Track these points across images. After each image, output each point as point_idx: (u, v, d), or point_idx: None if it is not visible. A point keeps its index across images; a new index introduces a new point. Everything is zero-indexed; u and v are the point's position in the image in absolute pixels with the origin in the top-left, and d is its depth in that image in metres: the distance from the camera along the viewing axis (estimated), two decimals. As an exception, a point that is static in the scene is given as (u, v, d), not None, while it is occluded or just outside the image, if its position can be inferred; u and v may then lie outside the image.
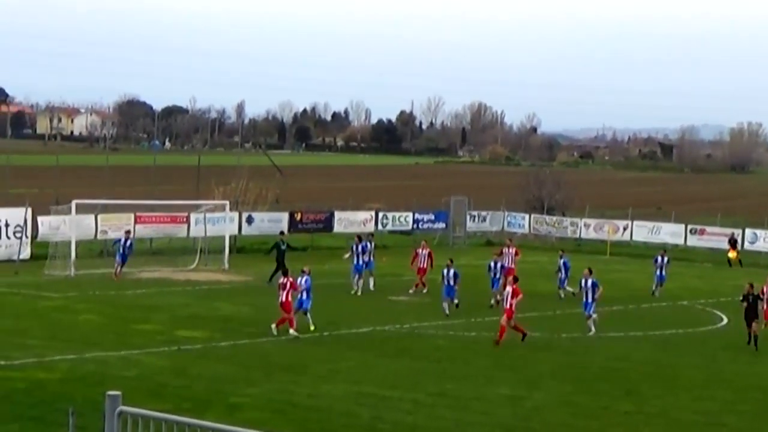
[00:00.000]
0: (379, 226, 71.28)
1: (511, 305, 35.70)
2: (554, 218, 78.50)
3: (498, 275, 44.73)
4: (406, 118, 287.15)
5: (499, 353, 34.41)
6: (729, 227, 72.00)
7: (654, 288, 49.78)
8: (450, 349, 34.89)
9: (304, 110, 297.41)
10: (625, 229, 73.80)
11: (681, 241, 71.32)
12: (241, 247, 61.99)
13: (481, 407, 26.89)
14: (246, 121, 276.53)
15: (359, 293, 47.04)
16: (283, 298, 35.90)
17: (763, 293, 38.54)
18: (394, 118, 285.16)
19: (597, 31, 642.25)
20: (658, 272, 49.93)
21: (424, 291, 47.23)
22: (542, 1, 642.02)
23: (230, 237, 57.11)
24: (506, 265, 47.41)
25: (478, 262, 51.41)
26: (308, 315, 36.62)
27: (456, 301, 41.88)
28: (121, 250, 49.11)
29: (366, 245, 48.65)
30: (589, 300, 38.72)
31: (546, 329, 39.08)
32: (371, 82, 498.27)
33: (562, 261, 47.96)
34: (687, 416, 26.98)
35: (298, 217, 67.21)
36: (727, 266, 64.84)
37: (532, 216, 78.26)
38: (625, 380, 30.79)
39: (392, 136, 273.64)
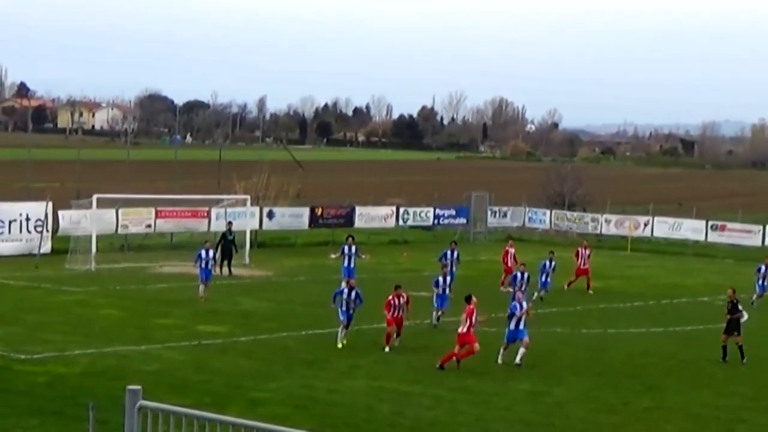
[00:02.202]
0: (400, 222, 71.44)
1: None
2: (575, 214, 78.51)
3: (547, 278, 44.35)
4: (427, 113, 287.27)
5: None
6: (750, 223, 71.94)
7: (754, 298, 46.50)
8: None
9: (326, 105, 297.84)
10: (646, 225, 73.74)
11: (702, 237, 71.21)
12: (262, 242, 62.28)
13: (502, 403, 26.98)
14: (267, 116, 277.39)
15: None
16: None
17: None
18: (415, 114, 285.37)
19: (618, 27, 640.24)
20: (760, 282, 47.15)
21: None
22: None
23: (251, 232, 57.41)
24: (581, 266, 48.10)
25: (499, 258, 51.39)
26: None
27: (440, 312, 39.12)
28: (203, 265, 42.76)
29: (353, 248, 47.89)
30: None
31: (566, 325, 39.18)
32: (393, 77, 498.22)
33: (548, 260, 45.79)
34: (708, 412, 27.01)
35: (319, 212, 67.41)
36: (747, 262, 64.69)
37: (553, 212, 78.26)
38: (646, 376, 30.83)
39: (413, 131, 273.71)
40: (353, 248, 45.95)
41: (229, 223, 52.22)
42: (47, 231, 54.17)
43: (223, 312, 39.30)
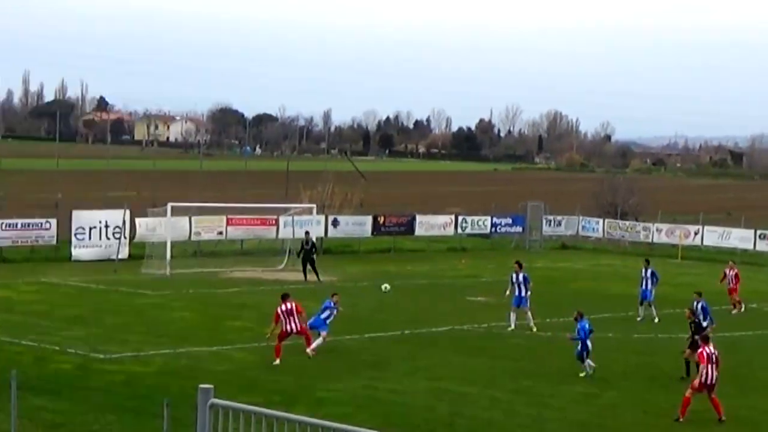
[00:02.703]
0: (459, 230, 71.96)
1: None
2: (627, 223, 78.88)
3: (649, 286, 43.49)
4: (485, 126, 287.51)
5: (573, 352, 35.03)
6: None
7: None
8: (526, 348, 35.56)
9: (388, 118, 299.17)
10: (696, 233, 74.09)
11: (750, 246, 71.54)
12: (327, 249, 63.07)
13: (557, 404, 27.60)
14: (332, 128, 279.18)
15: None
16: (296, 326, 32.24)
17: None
18: (473, 126, 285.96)
19: (668, 41, 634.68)
20: None
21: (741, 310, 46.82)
22: (615, 10, 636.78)
23: (317, 239, 58.28)
24: (729, 285, 47.57)
25: (553, 265, 52.01)
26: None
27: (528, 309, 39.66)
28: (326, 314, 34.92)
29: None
30: (524, 294, 39.12)
31: (619, 330, 39.58)
32: (452, 91, 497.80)
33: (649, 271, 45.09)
34: (757, 416, 27.45)
35: (381, 220, 67.89)
36: None
37: (606, 221, 78.82)
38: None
39: (472, 143, 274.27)
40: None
41: (306, 233, 53.19)
42: (125, 237, 55.52)
43: (291, 315, 40.30)
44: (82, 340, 33.36)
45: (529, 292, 39.52)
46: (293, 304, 32.13)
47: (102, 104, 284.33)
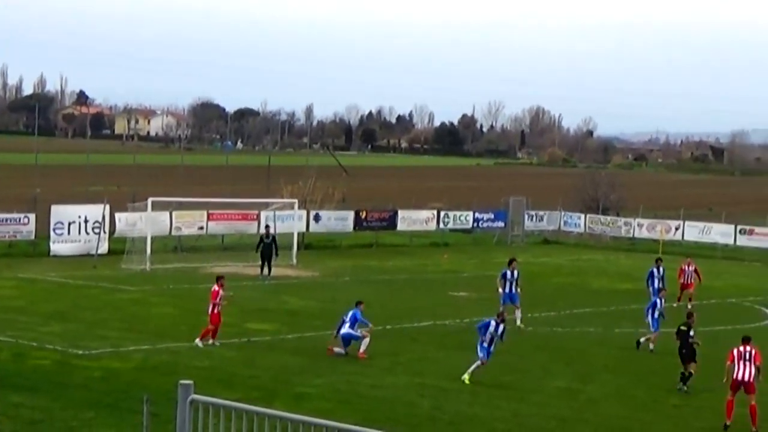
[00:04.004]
0: (441, 225, 72.09)
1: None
2: (609, 218, 79.19)
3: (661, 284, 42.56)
4: (467, 121, 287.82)
5: (554, 348, 35.17)
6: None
7: None
8: (508, 343, 35.32)
9: (370, 113, 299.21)
10: (677, 229, 74.37)
11: (731, 241, 71.97)
12: (308, 244, 62.98)
13: (537, 399, 27.65)
14: (314, 123, 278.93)
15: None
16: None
17: None
18: (456, 122, 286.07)
19: (650, 37, 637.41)
20: None
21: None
22: (597, 7, 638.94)
23: (298, 234, 58.06)
24: (683, 281, 46.98)
25: (535, 260, 52.10)
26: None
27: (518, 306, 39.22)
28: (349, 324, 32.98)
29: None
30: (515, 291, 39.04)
31: (600, 325, 39.74)
32: (434, 86, 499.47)
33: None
34: (736, 409, 26.84)
35: (363, 215, 67.91)
36: None
37: (588, 216, 79.04)
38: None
39: (454, 138, 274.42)
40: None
41: (267, 227, 53.14)
42: (104, 232, 55.28)
43: (271, 310, 40.05)
44: (61, 336, 33.18)
45: (519, 289, 39.33)
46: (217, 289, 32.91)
47: (82, 98, 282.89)
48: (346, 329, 32.30)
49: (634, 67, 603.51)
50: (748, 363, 25.96)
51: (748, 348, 26.22)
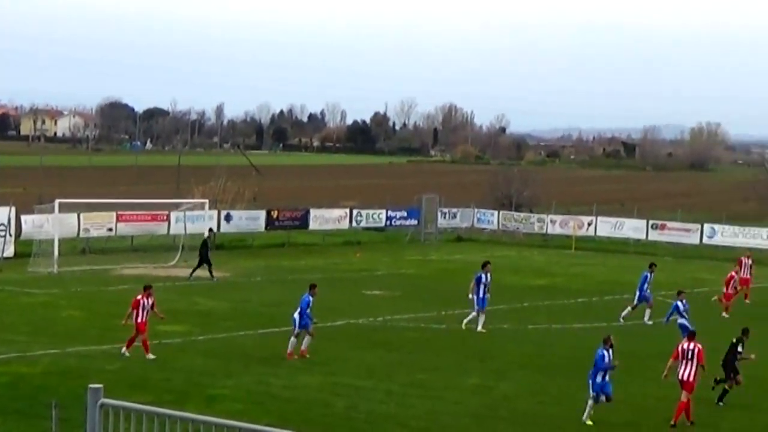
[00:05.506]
0: (354, 223, 72.07)
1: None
2: (522, 215, 79.74)
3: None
4: (380, 119, 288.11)
5: (468, 345, 35.14)
6: (689, 222, 73.73)
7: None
8: (422, 341, 35.53)
9: (282, 112, 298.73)
10: (589, 224, 75.13)
11: (643, 236, 72.83)
12: (220, 244, 62.26)
13: (452, 396, 27.61)
14: (225, 122, 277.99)
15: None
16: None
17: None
18: (368, 120, 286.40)
19: (564, 35, 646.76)
20: None
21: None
22: (508, 6, 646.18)
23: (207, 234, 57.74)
24: (744, 275, 47.30)
25: (449, 257, 52.20)
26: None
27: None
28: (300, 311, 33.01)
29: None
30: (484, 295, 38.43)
31: (514, 321, 39.89)
32: (346, 84, 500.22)
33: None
34: (650, 403, 27.69)
35: (275, 215, 67.68)
36: (686, 260, 66.17)
37: (501, 213, 79.45)
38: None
39: (367, 136, 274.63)
40: None
41: (210, 230, 52.69)
42: (10, 235, 54.25)
43: (182, 312, 39.56)
44: (-34, 342, 32.47)
45: (488, 294, 38.55)
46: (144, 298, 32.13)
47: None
48: (304, 319, 32.07)
49: (546, 64, 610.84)
50: (690, 362, 25.98)
51: (691, 345, 26.20)
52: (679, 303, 36.64)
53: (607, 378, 26.05)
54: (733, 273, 45.48)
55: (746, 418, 27.38)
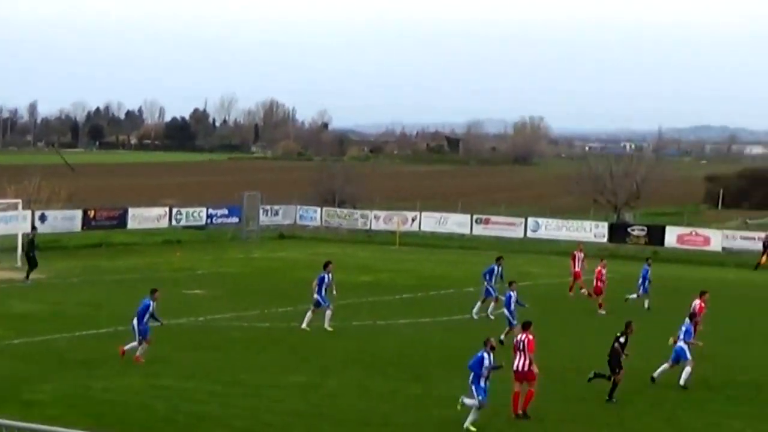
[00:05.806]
0: (173, 222, 71.41)
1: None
2: (345, 211, 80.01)
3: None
4: (199, 115, 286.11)
5: (293, 343, 34.94)
6: (513, 216, 74.87)
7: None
8: (244, 340, 35.24)
9: (98, 109, 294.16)
10: (413, 220, 75.81)
11: (467, 231, 73.77)
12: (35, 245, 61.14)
13: (275, 395, 27.36)
14: (39, 120, 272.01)
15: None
16: None
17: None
18: (187, 116, 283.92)
19: (386, 29, 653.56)
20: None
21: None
22: (330, 2, 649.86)
23: (23, 235, 56.29)
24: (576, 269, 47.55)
25: (272, 255, 51.97)
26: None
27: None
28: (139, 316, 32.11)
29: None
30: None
31: (338, 318, 39.68)
32: (165, 80, 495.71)
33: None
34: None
35: (92, 214, 66.80)
36: (511, 254, 67.04)
37: (324, 209, 79.54)
38: (415, 365, 31.60)
39: (186, 133, 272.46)
40: None
41: (34, 228, 51.41)
42: None
43: (-4, 315, 38.46)
44: None
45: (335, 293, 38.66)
46: None
47: None
48: (142, 324, 31.27)
49: (367, 59, 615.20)
50: (522, 353, 26.03)
51: (523, 336, 26.27)
52: (512, 293, 36.81)
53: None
54: (600, 267, 44.73)
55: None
